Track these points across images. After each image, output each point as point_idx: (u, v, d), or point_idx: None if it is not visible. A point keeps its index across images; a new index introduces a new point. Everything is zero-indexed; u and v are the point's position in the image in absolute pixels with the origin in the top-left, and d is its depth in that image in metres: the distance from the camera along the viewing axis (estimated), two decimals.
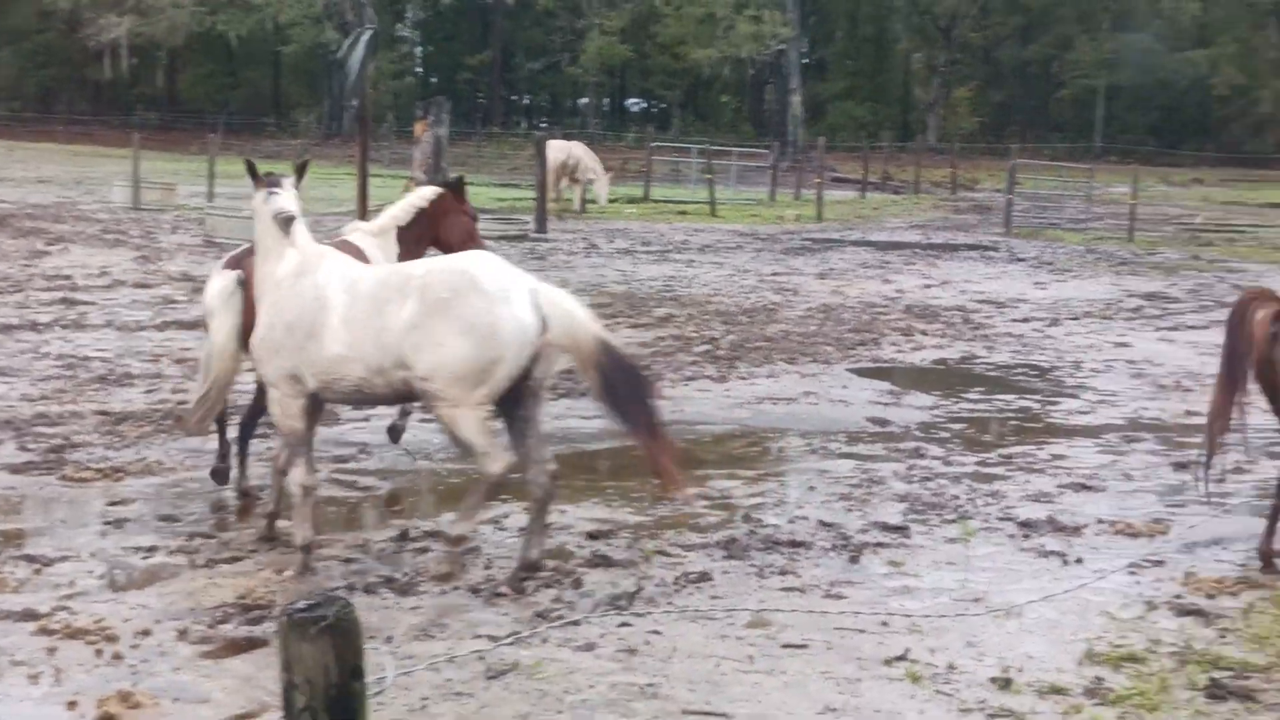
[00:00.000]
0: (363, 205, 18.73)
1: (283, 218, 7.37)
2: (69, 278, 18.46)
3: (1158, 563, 7.87)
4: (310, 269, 7.25)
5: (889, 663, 6.18)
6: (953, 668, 6.15)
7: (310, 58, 74.50)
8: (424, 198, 9.36)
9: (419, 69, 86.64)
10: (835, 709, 5.69)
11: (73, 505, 8.50)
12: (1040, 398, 13.18)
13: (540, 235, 27.78)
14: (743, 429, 11.44)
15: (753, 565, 7.61)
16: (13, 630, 6.33)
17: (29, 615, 6.48)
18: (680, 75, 79.45)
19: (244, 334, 7.86)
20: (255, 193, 7.56)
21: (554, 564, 7.42)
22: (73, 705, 5.57)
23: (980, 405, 12.74)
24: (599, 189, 34.22)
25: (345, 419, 10.84)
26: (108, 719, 5.44)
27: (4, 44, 74.20)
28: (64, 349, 13.48)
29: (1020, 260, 26.95)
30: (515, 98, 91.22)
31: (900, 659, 6.22)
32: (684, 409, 11.96)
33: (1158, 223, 37.79)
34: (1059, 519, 8.72)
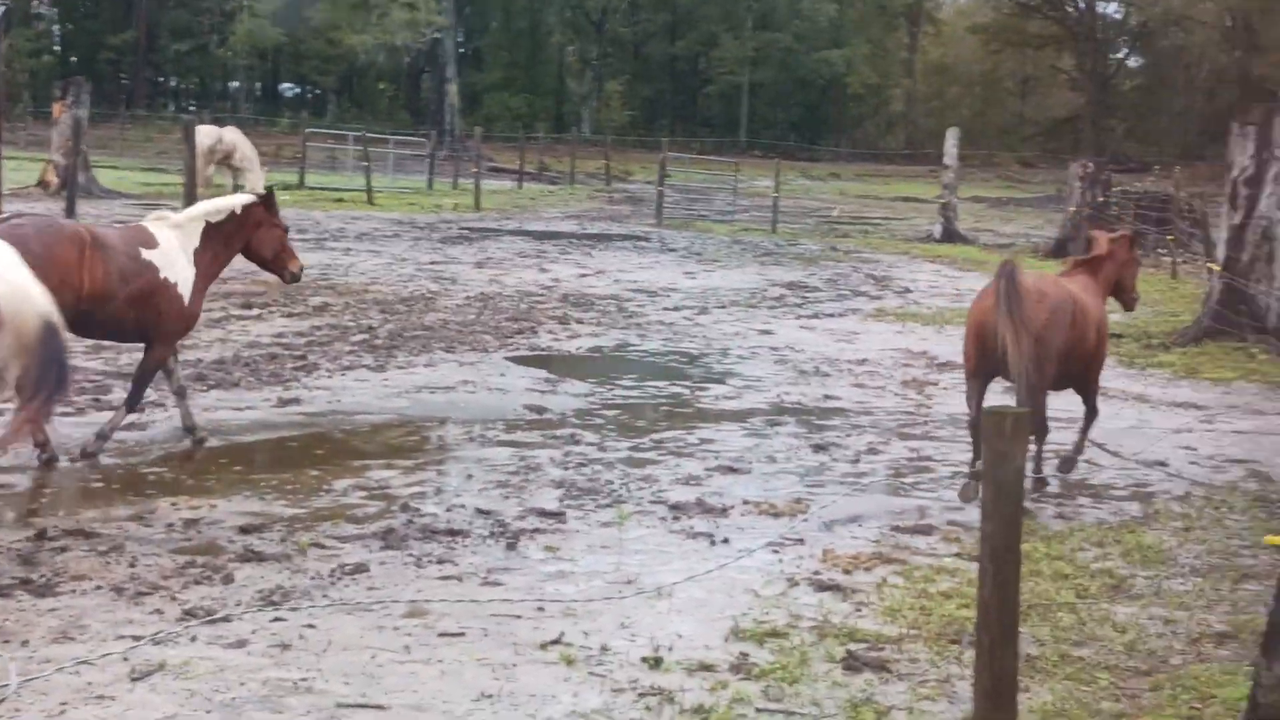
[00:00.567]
0: None
1: None
2: None
3: (798, 540, 8.22)
4: None
5: (544, 647, 6.28)
6: (606, 649, 6.30)
7: None
8: (240, 203, 9.86)
9: (57, 47, 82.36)
10: (490, 695, 5.75)
11: None
12: (690, 384, 13.61)
13: None
14: (401, 418, 11.37)
15: (410, 555, 7.59)
16: None
17: None
18: (335, 61, 78.08)
19: None
20: None
21: (204, 560, 7.22)
22: None
23: (633, 392, 13.05)
24: (253, 180, 33.24)
25: None
26: None
27: None
28: None
29: (671, 250, 27.73)
30: (162, 79, 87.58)
31: (555, 643, 6.33)
32: (341, 399, 11.80)
33: (799, 215, 39.56)
34: (707, 501, 9.02)
